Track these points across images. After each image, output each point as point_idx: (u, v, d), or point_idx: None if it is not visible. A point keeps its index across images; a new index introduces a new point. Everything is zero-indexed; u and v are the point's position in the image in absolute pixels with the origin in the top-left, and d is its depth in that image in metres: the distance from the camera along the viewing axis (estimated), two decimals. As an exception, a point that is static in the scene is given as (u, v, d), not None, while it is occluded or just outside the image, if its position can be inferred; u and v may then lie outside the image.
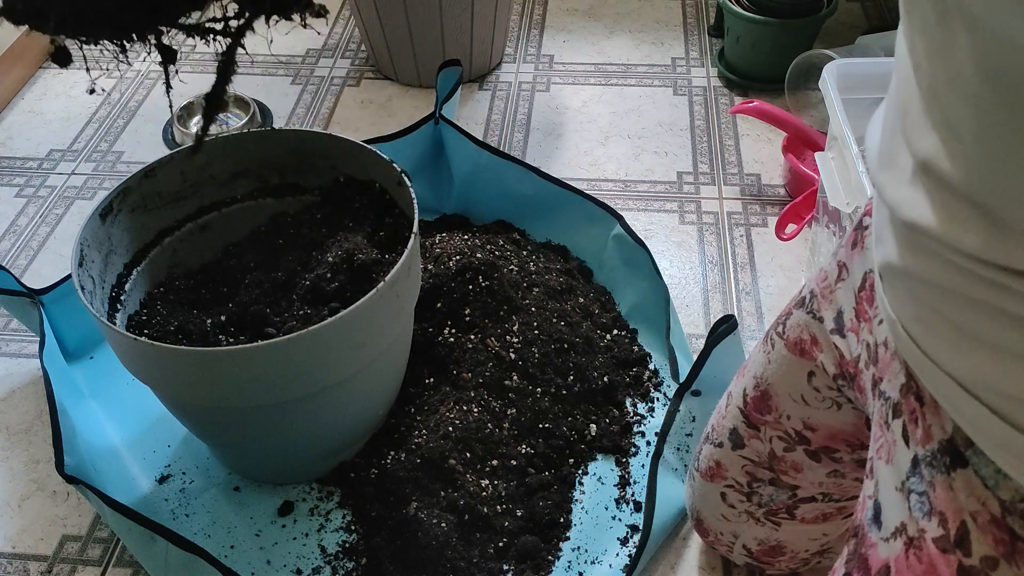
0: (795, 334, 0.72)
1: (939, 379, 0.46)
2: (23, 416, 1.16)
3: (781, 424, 0.76)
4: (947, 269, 0.42)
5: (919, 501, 0.50)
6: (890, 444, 0.54)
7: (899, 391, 0.54)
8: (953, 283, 0.42)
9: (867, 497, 0.57)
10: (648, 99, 1.65)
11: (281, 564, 0.98)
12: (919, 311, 0.47)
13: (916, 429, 0.51)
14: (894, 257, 0.48)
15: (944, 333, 0.45)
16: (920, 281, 0.46)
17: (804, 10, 1.56)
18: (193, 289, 1.07)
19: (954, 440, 0.48)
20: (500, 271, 1.13)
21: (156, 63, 0.53)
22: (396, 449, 1.03)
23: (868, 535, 0.55)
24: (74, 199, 1.48)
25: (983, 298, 0.41)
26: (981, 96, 0.36)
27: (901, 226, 0.45)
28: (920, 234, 0.43)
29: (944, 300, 0.44)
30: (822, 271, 0.70)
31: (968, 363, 0.44)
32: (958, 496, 0.47)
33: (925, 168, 0.41)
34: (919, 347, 0.48)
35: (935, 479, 0.49)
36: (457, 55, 1.61)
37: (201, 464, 1.08)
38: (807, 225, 1.28)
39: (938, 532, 0.48)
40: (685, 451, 1.05)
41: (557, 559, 0.97)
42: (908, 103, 0.43)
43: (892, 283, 0.50)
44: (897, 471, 0.53)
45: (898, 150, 0.45)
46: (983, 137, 0.37)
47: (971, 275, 0.41)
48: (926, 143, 0.41)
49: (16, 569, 1.00)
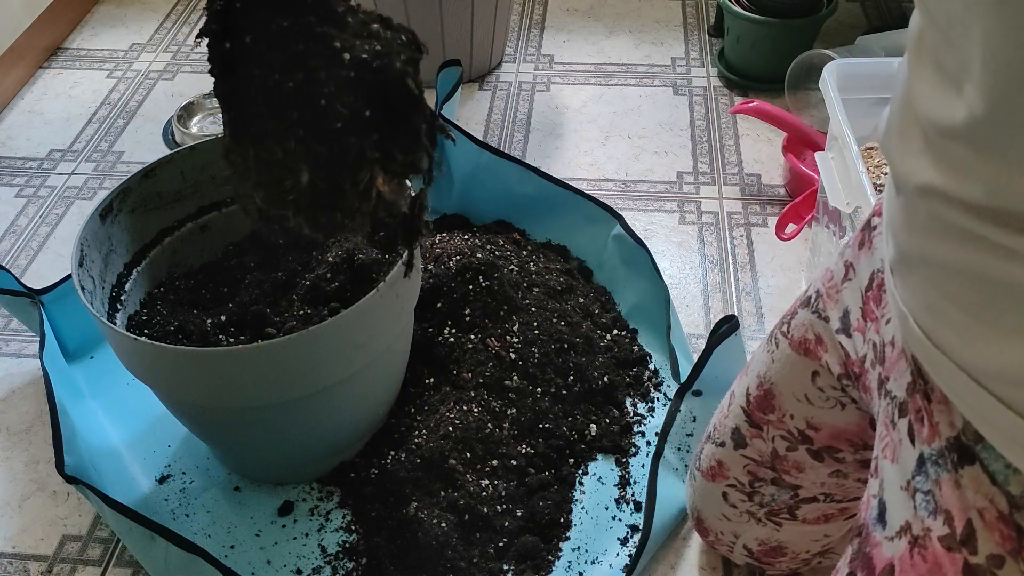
0: (800, 333, 0.72)
1: (949, 372, 0.47)
2: (23, 416, 1.16)
3: (784, 423, 0.76)
4: (956, 241, 0.43)
5: (925, 500, 0.50)
6: (896, 443, 0.54)
7: (905, 390, 0.54)
8: (962, 258, 0.43)
9: (872, 496, 0.57)
10: (648, 99, 1.65)
11: (281, 564, 0.98)
12: (930, 299, 0.48)
13: (922, 428, 0.51)
14: (905, 243, 0.49)
15: (954, 320, 0.46)
16: (930, 264, 0.46)
17: (804, 10, 1.56)
18: (193, 289, 1.07)
19: (963, 437, 0.48)
20: (500, 271, 1.13)
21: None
22: (396, 449, 1.03)
23: (872, 534, 0.55)
24: (74, 199, 1.48)
25: (991, 272, 0.41)
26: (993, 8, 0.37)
27: (913, 197, 0.47)
28: (930, 198, 0.44)
29: (953, 281, 0.45)
30: (828, 271, 0.70)
31: (978, 350, 0.44)
32: (965, 493, 0.47)
33: (934, 128, 0.43)
34: (930, 339, 0.48)
35: (941, 477, 0.49)
36: (457, 55, 1.61)
37: (201, 464, 1.08)
38: (807, 225, 1.28)
39: (944, 530, 0.48)
40: (686, 451, 1.05)
41: (557, 559, 0.97)
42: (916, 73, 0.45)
43: (903, 274, 0.51)
44: (903, 470, 0.53)
45: (908, 123, 0.46)
46: (990, 56, 0.37)
47: (979, 242, 0.41)
48: (932, 103, 0.43)
49: (16, 569, 1.00)
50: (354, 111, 0.65)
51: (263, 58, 0.64)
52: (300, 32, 0.63)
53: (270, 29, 0.63)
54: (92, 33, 1.88)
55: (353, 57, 0.64)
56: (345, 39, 0.64)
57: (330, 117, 0.64)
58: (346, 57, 0.64)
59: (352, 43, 0.64)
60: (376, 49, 0.65)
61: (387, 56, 0.65)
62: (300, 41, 0.63)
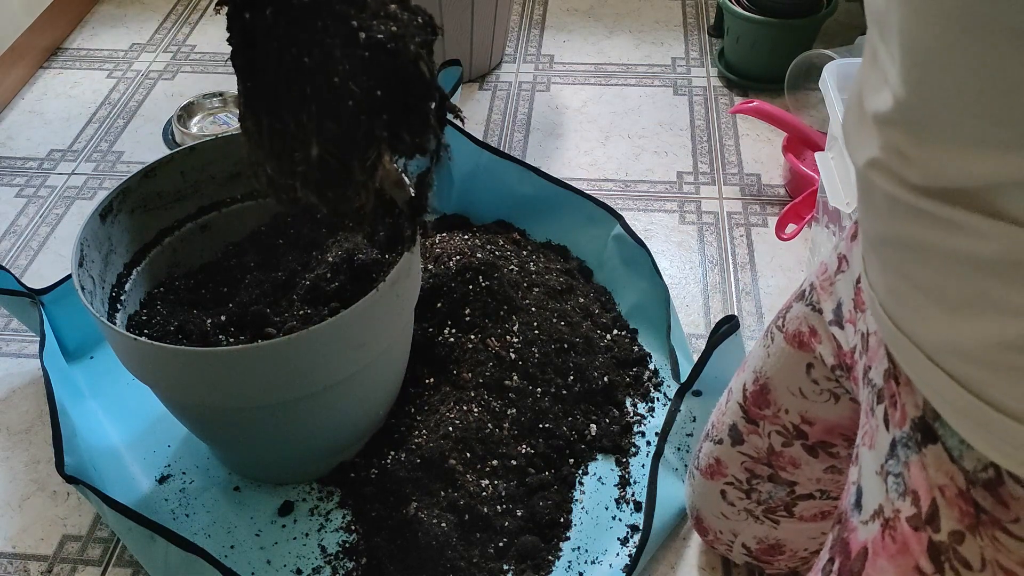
0: (794, 327, 0.73)
1: (907, 350, 0.48)
2: (23, 416, 1.16)
3: (779, 418, 0.76)
4: (904, 218, 0.44)
5: (895, 482, 0.51)
6: (873, 430, 0.55)
7: (883, 376, 0.55)
8: (911, 234, 0.44)
9: (851, 483, 0.57)
10: (648, 99, 1.65)
11: (281, 564, 0.98)
12: (889, 280, 0.49)
13: (895, 412, 0.52)
14: (867, 225, 0.51)
15: (910, 299, 0.47)
16: (887, 244, 0.48)
17: (804, 10, 1.56)
18: (193, 289, 1.07)
19: (925, 416, 0.49)
20: (500, 271, 1.13)
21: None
22: (396, 449, 1.03)
23: (850, 520, 0.56)
24: (74, 199, 1.48)
25: (936, 243, 0.42)
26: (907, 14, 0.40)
27: (867, 179, 0.48)
28: (879, 178, 0.46)
29: (907, 259, 0.46)
30: (823, 264, 0.71)
31: (929, 327, 0.45)
32: (929, 473, 0.48)
33: (874, 117, 0.45)
34: (891, 320, 0.49)
35: (909, 459, 0.50)
36: (457, 55, 1.61)
37: (201, 464, 1.08)
38: (807, 225, 1.28)
39: (911, 511, 0.49)
40: (686, 451, 1.05)
41: (557, 559, 0.97)
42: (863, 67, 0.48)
43: (870, 258, 0.52)
44: (878, 455, 0.54)
45: (860, 112, 0.48)
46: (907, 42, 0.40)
47: (924, 217, 0.43)
48: (876, 96, 0.45)
49: (16, 569, 1.00)
50: (366, 90, 0.65)
51: (282, 32, 0.63)
52: (319, 8, 0.63)
53: (291, 3, 0.63)
54: (92, 33, 1.88)
55: (369, 37, 0.63)
56: (363, 19, 0.64)
57: (343, 95, 0.64)
58: (362, 37, 0.63)
59: (369, 23, 0.64)
60: (392, 31, 0.64)
61: (402, 39, 0.65)
62: (319, 17, 0.63)
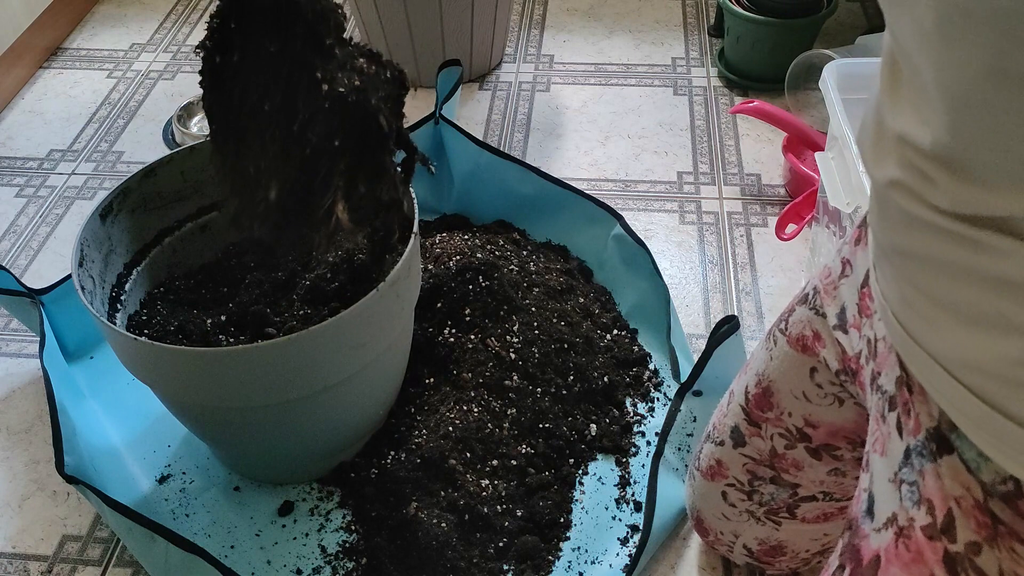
0: (797, 330, 0.72)
1: (922, 361, 0.47)
2: (23, 416, 1.16)
3: (782, 421, 0.76)
4: (924, 233, 0.44)
5: (910, 491, 0.51)
6: (885, 437, 0.55)
7: (895, 384, 0.55)
8: (930, 249, 0.44)
9: (862, 490, 0.57)
10: (648, 99, 1.65)
11: (281, 564, 0.98)
12: (903, 290, 0.48)
13: (908, 420, 0.52)
14: (881, 235, 0.50)
15: (924, 310, 0.46)
16: (902, 255, 0.47)
17: (804, 10, 1.56)
18: (193, 289, 1.07)
19: (941, 427, 0.49)
20: (500, 271, 1.13)
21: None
22: (396, 449, 1.03)
23: (861, 527, 0.56)
24: (74, 199, 1.48)
25: (956, 260, 0.42)
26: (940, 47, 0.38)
27: (884, 192, 0.48)
28: (899, 194, 0.45)
29: (923, 272, 0.45)
30: (826, 267, 0.71)
31: (946, 340, 0.45)
32: (944, 483, 0.48)
33: (900, 140, 0.44)
34: (905, 330, 0.49)
35: (924, 468, 0.50)
36: (457, 55, 1.61)
37: (201, 464, 1.08)
38: (807, 225, 1.28)
39: (926, 520, 0.49)
40: (686, 451, 1.05)
41: (557, 559, 0.97)
42: (884, 85, 0.46)
43: (881, 266, 0.52)
44: (891, 463, 0.53)
45: (880, 127, 0.48)
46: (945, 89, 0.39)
47: (946, 235, 0.42)
48: (901, 118, 0.44)
49: (16, 569, 1.00)
50: (324, 139, 0.67)
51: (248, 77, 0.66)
52: (286, 58, 0.65)
53: (259, 51, 0.65)
54: (92, 33, 1.88)
55: (331, 89, 0.66)
56: (328, 70, 0.66)
57: (301, 142, 0.66)
58: (324, 88, 0.65)
59: (333, 75, 0.66)
60: (355, 84, 0.67)
61: (363, 92, 0.67)
62: (284, 67, 0.65)
